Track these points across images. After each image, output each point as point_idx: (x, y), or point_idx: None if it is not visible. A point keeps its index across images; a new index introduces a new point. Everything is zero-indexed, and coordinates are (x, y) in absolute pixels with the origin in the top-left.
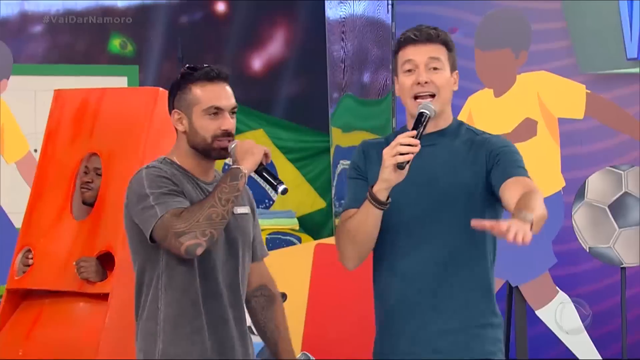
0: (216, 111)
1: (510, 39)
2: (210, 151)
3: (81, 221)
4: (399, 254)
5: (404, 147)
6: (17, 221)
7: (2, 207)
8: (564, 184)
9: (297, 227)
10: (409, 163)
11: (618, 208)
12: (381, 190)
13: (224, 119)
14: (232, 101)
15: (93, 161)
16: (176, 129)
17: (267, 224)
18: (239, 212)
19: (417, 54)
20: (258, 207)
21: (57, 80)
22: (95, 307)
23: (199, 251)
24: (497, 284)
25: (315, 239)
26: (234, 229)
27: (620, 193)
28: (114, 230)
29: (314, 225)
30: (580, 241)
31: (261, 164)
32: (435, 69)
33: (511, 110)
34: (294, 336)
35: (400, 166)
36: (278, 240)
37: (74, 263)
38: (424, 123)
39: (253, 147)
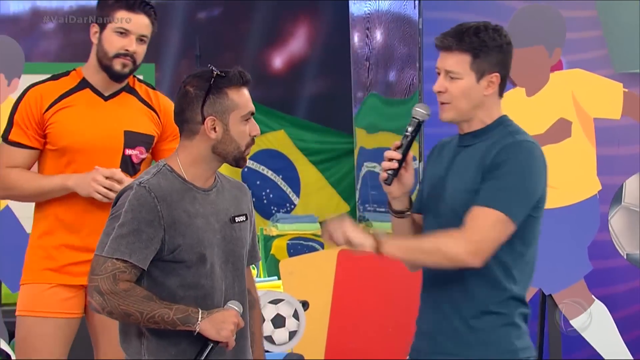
0: (250, 117)
1: (544, 36)
2: (240, 160)
3: None
4: None
5: (385, 162)
6: (28, 226)
7: (13, 212)
8: (600, 187)
9: (320, 233)
10: (395, 176)
11: None
12: (391, 200)
13: (253, 125)
14: None
15: None
16: (185, 133)
17: (289, 229)
18: (237, 220)
19: (440, 62)
20: (279, 211)
21: None
22: None
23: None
24: (530, 291)
25: None
26: (230, 240)
27: None
28: None
29: None
30: (617, 247)
31: (215, 342)
32: (452, 78)
33: (544, 110)
34: (317, 342)
35: (386, 182)
36: (300, 246)
37: None
38: (414, 130)
39: (226, 329)
